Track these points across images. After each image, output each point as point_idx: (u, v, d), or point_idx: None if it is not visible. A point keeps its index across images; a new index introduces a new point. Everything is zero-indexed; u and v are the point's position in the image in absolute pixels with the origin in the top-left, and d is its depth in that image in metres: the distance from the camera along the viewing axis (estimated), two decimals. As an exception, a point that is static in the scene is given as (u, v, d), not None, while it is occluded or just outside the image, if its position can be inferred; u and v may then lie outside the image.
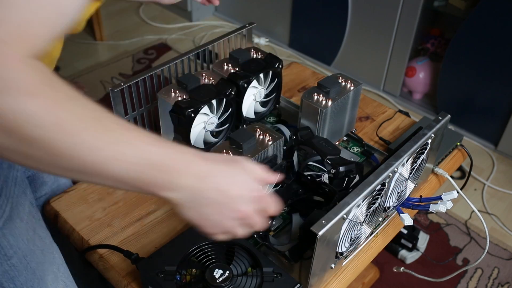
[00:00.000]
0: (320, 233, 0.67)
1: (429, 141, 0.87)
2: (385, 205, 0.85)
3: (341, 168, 0.82)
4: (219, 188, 0.58)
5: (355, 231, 0.79)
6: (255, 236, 0.82)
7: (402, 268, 1.05)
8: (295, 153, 0.95)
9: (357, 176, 0.88)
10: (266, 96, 1.07)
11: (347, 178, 0.85)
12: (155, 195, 0.55)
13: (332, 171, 0.83)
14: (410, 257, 1.59)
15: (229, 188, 0.59)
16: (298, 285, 0.76)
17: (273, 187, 0.87)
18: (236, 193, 0.59)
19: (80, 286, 1.08)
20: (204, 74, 1.00)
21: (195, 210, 0.57)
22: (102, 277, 0.87)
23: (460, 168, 1.92)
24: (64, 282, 0.85)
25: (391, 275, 1.55)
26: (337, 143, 1.06)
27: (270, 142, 0.84)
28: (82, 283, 1.08)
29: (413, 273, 1.08)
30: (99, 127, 0.49)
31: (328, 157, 0.84)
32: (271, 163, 0.84)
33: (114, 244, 0.85)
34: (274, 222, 0.90)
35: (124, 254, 0.82)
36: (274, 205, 0.63)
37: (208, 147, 0.99)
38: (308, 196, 0.90)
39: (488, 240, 0.96)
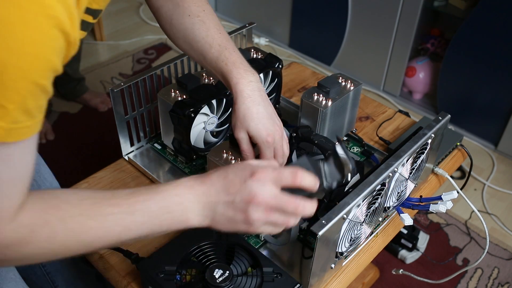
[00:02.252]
0: (320, 233, 0.67)
1: (429, 141, 0.87)
2: (385, 205, 0.85)
3: None
4: (224, 200, 0.63)
5: (355, 231, 0.79)
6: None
7: (401, 270, 1.05)
8: (294, 153, 0.95)
9: (358, 174, 0.88)
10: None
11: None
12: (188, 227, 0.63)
13: None
14: (410, 257, 1.59)
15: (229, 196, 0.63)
16: (298, 285, 0.76)
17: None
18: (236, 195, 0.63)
19: (78, 286, 1.08)
20: (204, 74, 1.00)
21: (220, 222, 0.63)
22: (100, 277, 0.87)
23: (460, 168, 1.92)
24: None
25: (391, 275, 1.55)
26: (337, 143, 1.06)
27: (270, 142, 0.84)
28: (80, 284, 1.08)
29: (412, 275, 1.08)
30: (102, 219, 0.58)
31: (329, 152, 0.85)
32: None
33: (114, 244, 0.85)
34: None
35: (124, 254, 0.82)
36: (294, 205, 0.63)
37: (208, 147, 0.99)
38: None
39: (488, 240, 0.96)
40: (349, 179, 0.72)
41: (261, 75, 1.02)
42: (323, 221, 0.68)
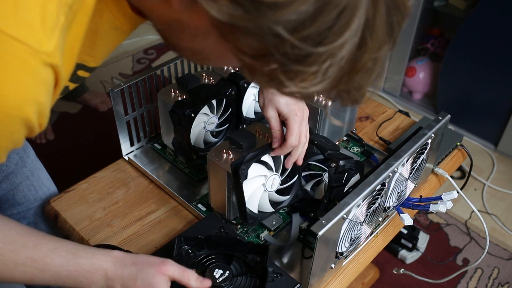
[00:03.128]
0: (320, 233, 0.67)
1: (429, 141, 0.87)
2: (385, 205, 0.85)
3: (341, 162, 0.83)
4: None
5: (355, 231, 0.79)
6: None
7: (402, 269, 1.05)
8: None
9: (358, 174, 0.88)
10: (266, 96, 1.07)
11: (346, 174, 0.85)
12: None
13: (333, 165, 0.83)
14: (410, 257, 1.59)
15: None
16: (298, 285, 0.76)
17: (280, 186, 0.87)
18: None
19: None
20: (204, 74, 1.00)
21: None
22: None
23: (460, 168, 1.92)
24: None
25: (391, 275, 1.55)
26: (337, 143, 1.06)
27: (270, 142, 0.84)
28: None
29: (413, 274, 1.08)
30: (12, 266, 0.61)
31: (328, 152, 0.85)
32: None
33: (114, 244, 0.85)
34: (274, 222, 0.90)
35: (124, 254, 0.82)
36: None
37: (208, 147, 0.99)
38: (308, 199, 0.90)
39: (488, 240, 0.96)
40: None
41: (261, 75, 1.02)
42: (323, 221, 0.68)
